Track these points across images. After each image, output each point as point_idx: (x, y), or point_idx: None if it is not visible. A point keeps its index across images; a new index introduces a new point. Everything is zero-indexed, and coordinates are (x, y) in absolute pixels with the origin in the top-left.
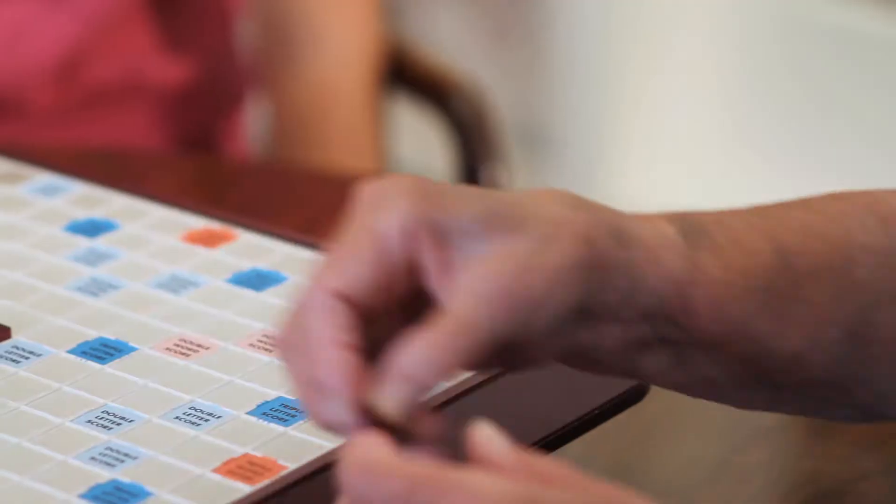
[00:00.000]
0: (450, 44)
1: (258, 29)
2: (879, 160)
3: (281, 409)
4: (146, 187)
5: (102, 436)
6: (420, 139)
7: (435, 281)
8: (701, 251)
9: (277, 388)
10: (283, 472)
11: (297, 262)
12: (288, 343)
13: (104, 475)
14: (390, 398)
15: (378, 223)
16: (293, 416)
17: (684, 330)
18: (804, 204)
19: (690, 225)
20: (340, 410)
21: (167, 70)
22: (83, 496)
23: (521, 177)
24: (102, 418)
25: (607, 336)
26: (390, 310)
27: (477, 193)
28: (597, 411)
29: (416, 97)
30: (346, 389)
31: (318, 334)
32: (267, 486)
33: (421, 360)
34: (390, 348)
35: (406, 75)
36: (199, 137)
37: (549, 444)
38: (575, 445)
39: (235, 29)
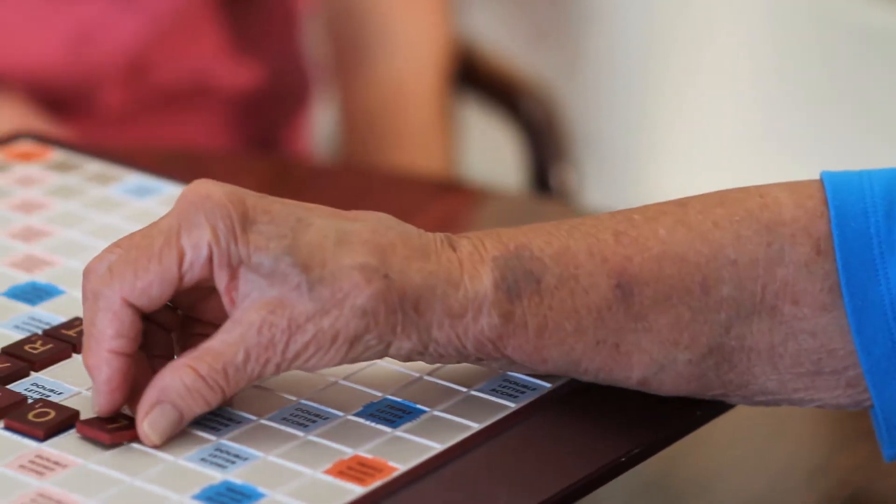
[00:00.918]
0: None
1: (328, 30)
2: None
3: (387, 410)
4: None
5: (212, 437)
6: (489, 141)
7: (214, 305)
8: (522, 300)
9: (382, 389)
10: (395, 474)
11: None
12: (85, 328)
13: (216, 476)
14: (150, 425)
15: (186, 243)
16: (400, 418)
17: (508, 363)
18: (681, 214)
19: (520, 269)
20: (101, 406)
21: (234, 73)
22: (196, 497)
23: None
24: (211, 419)
25: (417, 356)
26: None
27: (284, 230)
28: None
29: (485, 99)
30: (104, 391)
31: (99, 334)
32: (380, 488)
33: (176, 387)
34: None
35: (476, 77)
36: (264, 139)
37: (636, 456)
38: (669, 452)
39: (301, 31)
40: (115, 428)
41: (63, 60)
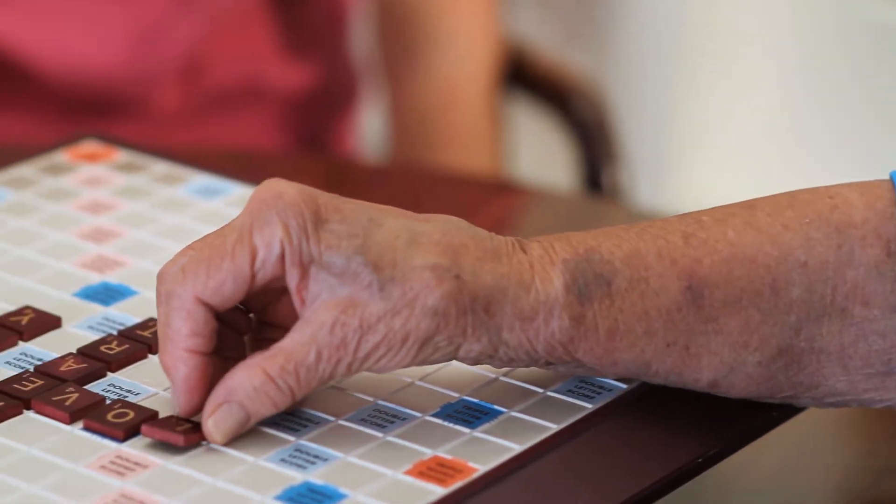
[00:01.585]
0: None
1: (380, 31)
2: None
3: (465, 411)
4: None
5: (291, 438)
6: (540, 141)
7: (285, 309)
8: (593, 303)
9: (459, 390)
10: (475, 475)
11: None
12: (160, 329)
13: (297, 477)
14: (214, 424)
15: (258, 240)
16: (478, 419)
17: (577, 366)
18: (749, 217)
19: (590, 272)
20: (181, 406)
21: (286, 73)
22: (278, 498)
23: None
24: (289, 420)
25: (486, 360)
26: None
27: (356, 230)
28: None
29: (536, 99)
30: (182, 389)
31: (174, 333)
32: (461, 489)
33: (245, 387)
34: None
35: (526, 77)
36: (313, 139)
37: (712, 457)
38: (739, 452)
39: (350, 32)
40: (186, 429)
41: (122, 61)
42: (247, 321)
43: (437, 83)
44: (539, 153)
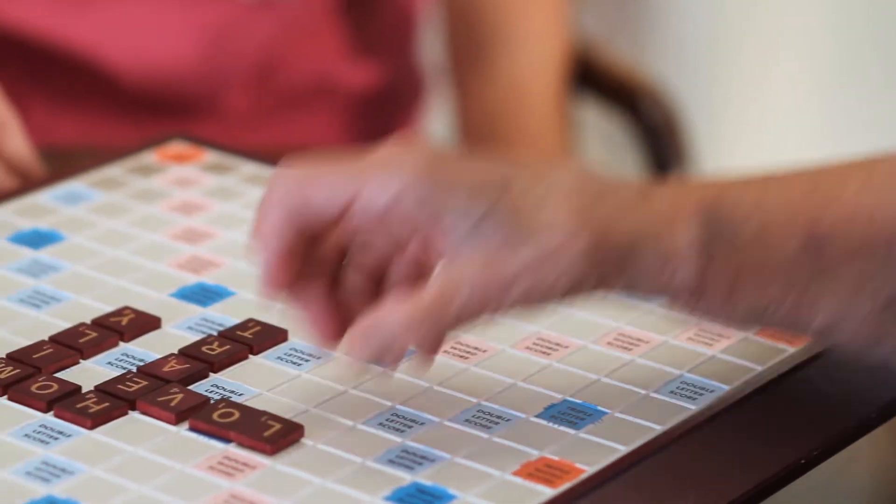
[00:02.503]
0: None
1: (449, 31)
2: None
3: (569, 412)
4: None
5: (397, 438)
6: (608, 142)
7: (412, 255)
8: (719, 254)
9: (562, 391)
10: (583, 476)
11: None
12: (258, 213)
13: (405, 478)
14: (357, 346)
15: (376, 181)
16: (582, 420)
17: (699, 312)
18: (867, 177)
19: (718, 219)
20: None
21: (355, 74)
22: (387, 498)
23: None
24: (393, 421)
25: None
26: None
27: (487, 185)
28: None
29: (605, 101)
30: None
31: (270, 206)
32: (570, 490)
33: (395, 321)
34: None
35: (595, 79)
36: (379, 138)
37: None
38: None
39: (416, 32)
40: (271, 437)
41: (196, 63)
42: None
43: (507, 84)
44: (607, 154)
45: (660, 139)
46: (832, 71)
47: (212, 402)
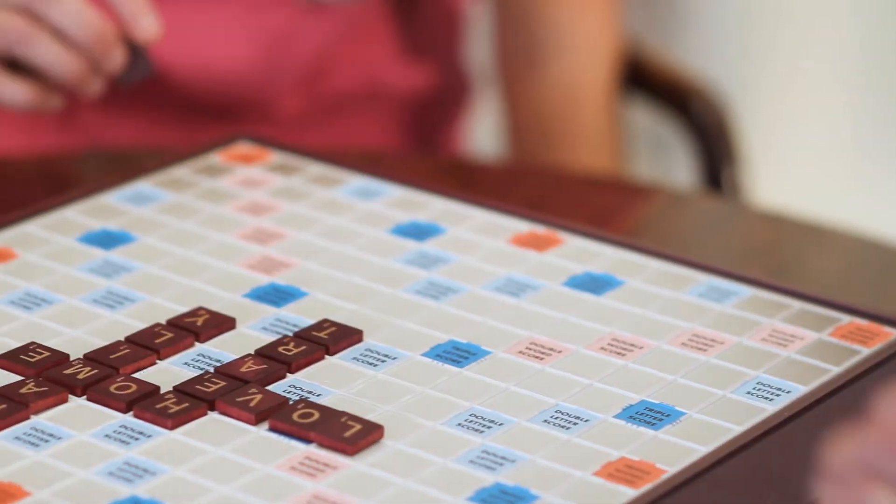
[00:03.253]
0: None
1: (500, 34)
2: None
3: (646, 412)
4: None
5: (476, 439)
6: (658, 143)
7: None
8: None
9: (639, 391)
10: (664, 476)
11: (627, 266)
12: None
13: (487, 478)
14: None
15: None
16: (660, 420)
17: None
18: None
19: None
20: None
21: (404, 76)
22: (471, 499)
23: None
24: (472, 421)
25: None
26: None
27: None
28: None
29: (656, 102)
30: None
31: None
32: (651, 490)
33: None
34: None
35: (644, 79)
36: (426, 139)
37: None
38: None
39: (463, 34)
40: (351, 437)
41: (251, 67)
42: None
43: (561, 86)
44: (657, 155)
45: (711, 139)
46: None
47: (290, 402)
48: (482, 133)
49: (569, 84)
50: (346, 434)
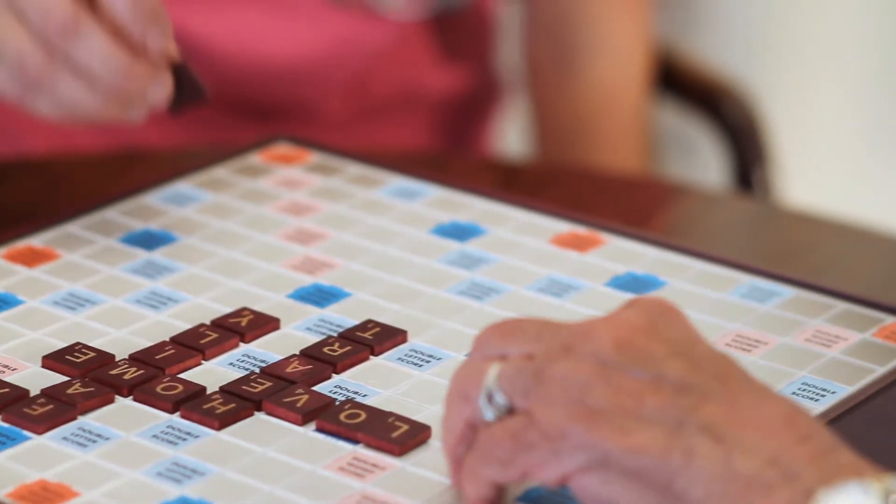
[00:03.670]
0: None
1: (533, 37)
2: None
3: None
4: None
5: None
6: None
7: None
8: None
9: None
10: None
11: (669, 266)
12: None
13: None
14: None
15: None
16: None
17: None
18: None
19: None
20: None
21: (439, 81)
22: (520, 499)
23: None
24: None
25: None
26: None
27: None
28: None
29: (687, 102)
30: None
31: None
32: None
33: None
34: None
35: (674, 80)
36: (457, 141)
37: None
38: None
39: (495, 39)
40: (399, 438)
41: (304, 69)
42: None
43: (596, 89)
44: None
45: (741, 139)
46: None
47: (337, 403)
48: (510, 134)
49: (604, 87)
50: (394, 434)
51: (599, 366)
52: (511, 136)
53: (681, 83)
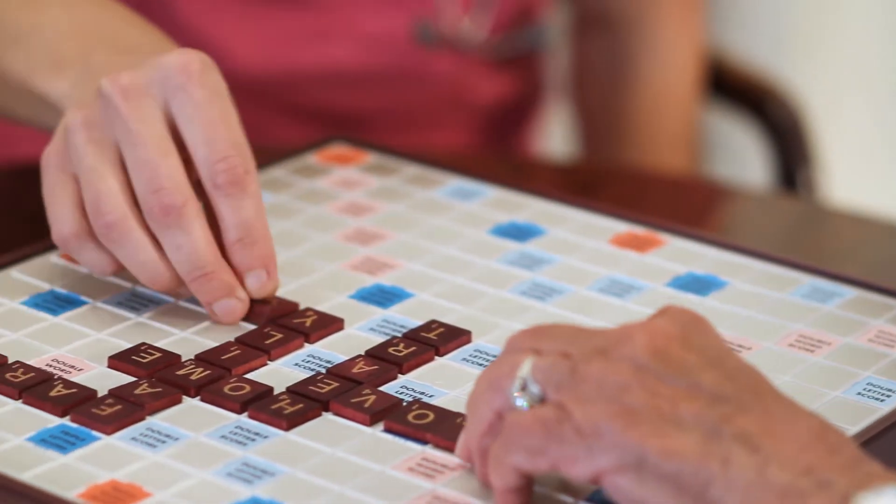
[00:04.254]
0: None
1: (586, 39)
2: None
3: None
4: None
5: None
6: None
7: None
8: None
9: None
10: None
11: (729, 266)
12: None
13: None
14: None
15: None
16: None
17: None
18: None
19: None
20: None
21: (489, 85)
22: (589, 499)
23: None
24: None
25: None
26: None
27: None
28: None
29: (733, 103)
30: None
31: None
32: None
33: None
34: None
35: (720, 81)
36: (502, 142)
37: None
38: None
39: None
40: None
41: (366, 72)
42: None
43: (647, 91)
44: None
45: (786, 140)
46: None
47: (405, 403)
48: (552, 135)
49: (656, 91)
50: None
51: (635, 369)
52: (554, 137)
53: (725, 84)
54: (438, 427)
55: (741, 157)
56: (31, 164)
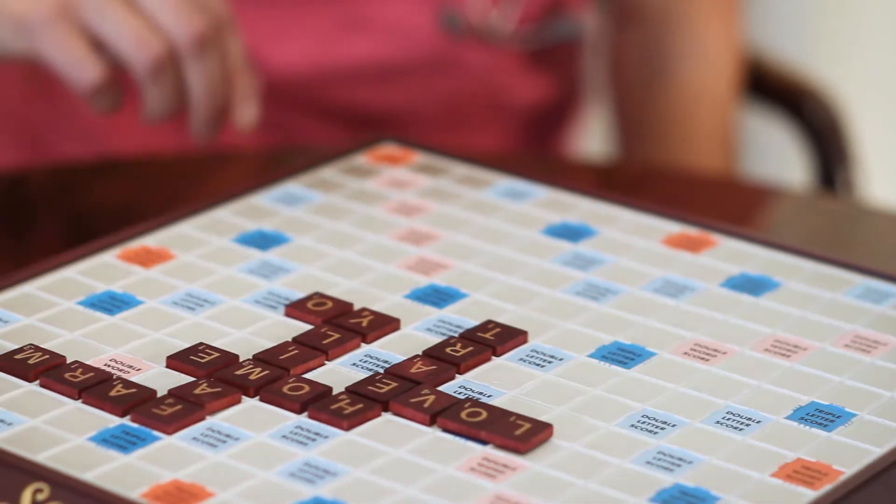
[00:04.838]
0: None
1: (624, 40)
2: None
3: (817, 414)
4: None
5: (651, 440)
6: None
7: None
8: None
9: (807, 393)
10: (842, 478)
11: (782, 267)
12: None
13: (666, 480)
14: None
15: None
16: (832, 422)
17: None
18: None
19: None
20: None
21: (527, 88)
22: (652, 500)
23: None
24: (644, 422)
25: None
26: None
27: None
28: None
29: (771, 104)
30: None
31: None
32: (830, 492)
33: None
34: None
35: (762, 82)
36: (540, 144)
37: None
38: None
39: (583, 46)
40: (522, 435)
41: (398, 74)
42: None
43: (687, 92)
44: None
45: (824, 140)
46: None
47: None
48: (589, 136)
49: (694, 91)
50: (517, 433)
51: None
52: (591, 137)
53: (762, 84)
54: (492, 425)
55: (779, 157)
56: (74, 164)
